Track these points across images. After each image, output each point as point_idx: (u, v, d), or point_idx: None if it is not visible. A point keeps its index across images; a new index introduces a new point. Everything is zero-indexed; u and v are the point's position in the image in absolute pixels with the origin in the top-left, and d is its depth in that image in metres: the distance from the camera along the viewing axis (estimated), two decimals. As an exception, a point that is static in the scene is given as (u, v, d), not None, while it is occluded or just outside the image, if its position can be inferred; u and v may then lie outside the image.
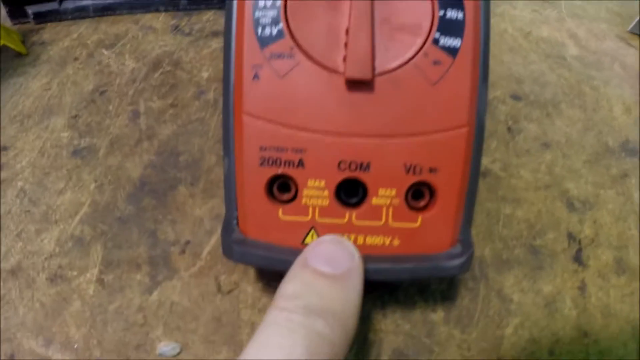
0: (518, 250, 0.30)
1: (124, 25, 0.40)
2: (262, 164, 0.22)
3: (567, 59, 0.40)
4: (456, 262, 0.22)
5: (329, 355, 0.18)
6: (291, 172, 0.22)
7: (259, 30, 0.23)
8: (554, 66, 0.39)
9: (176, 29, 0.39)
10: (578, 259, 0.30)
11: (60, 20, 0.43)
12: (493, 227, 0.30)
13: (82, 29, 0.41)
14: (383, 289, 0.27)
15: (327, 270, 0.20)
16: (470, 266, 0.23)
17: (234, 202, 0.24)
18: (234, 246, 0.23)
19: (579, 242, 0.31)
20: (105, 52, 0.39)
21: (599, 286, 0.29)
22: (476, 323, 0.27)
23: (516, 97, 0.36)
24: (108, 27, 0.40)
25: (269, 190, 0.23)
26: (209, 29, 0.38)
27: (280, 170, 0.22)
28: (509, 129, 0.35)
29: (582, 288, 0.29)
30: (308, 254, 0.21)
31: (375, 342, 0.26)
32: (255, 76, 0.22)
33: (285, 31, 0.22)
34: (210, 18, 0.39)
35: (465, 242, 0.23)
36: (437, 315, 0.27)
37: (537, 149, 0.34)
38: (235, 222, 0.24)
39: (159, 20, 0.40)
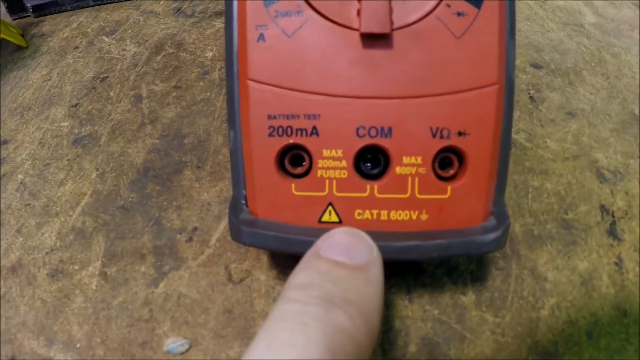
0: (550, 225, 0.26)
1: (125, 11, 0.37)
2: (271, 134, 0.19)
3: (585, 27, 0.36)
4: (492, 236, 0.19)
5: (352, 355, 0.14)
6: (304, 141, 0.19)
7: (263, -13, 0.19)
8: (573, 34, 0.35)
9: (178, 11, 0.35)
10: (612, 232, 0.26)
11: (59, 12, 0.40)
12: (522, 201, 0.27)
13: (82, 18, 0.38)
14: (407, 272, 0.24)
15: (345, 260, 0.16)
16: (506, 241, 0.20)
17: (241, 180, 0.20)
18: (243, 228, 0.19)
19: (612, 214, 0.27)
20: (105, 39, 0.35)
21: (635, 261, 0.26)
22: (510, 305, 0.23)
23: (536, 66, 0.33)
24: (108, 14, 0.37)
25: (280, 164, 0.20)
26: (212, 10, 0.35)
27: (291, 140, 0.19)
28: (531, 98, 0.31)
29: (619, 263, 0.25)
30: (321, 246, 0.17)
31: (401, 330, 0.22)
32: (260, 37, 0.19)
33: (292, -14, 0.19)
34: (212, -1, 0.36)
35: (500, 213, 0.20)
36: (468, 298, 0.23)
37: (562, 118, 0.30)
38: (243, 201, 0.20)
39: (160, 4, 0.36)
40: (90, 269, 0.25)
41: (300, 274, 0.16)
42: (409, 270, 0.24)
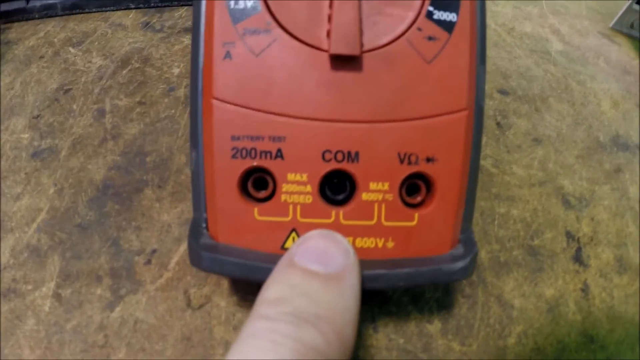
0: (516, 252, 0.25)
1: (93, 22, 0.35)
2: (234, 156, 0.18)
3: (552, 54, 0.36)
4: (459, 264, 0.18)
5: None
6: (268, 164, 0.18)
7: (232, 3, 0.18)
8: (540, 61, 0.35)
9: (147, 25, 0.34)
10: (578, 258, 0.26)
11: (27, 19, 0.38)
12: (488, 228, 0.26)
13: (50, 27, 0.36)
14: (372, 300, 0.23)
15: (319, 269, 0.15)
16: (474, 269, 0.19)
17: (202, 202, 0.19)
18: (203, 253, 0.18)
19: (578, 240, 0.27)
20: (72, 50, 0.34)
21: (601, 287, 0.25)
22: (476, 333, 0.23)
23: (503, 92, 0.32)
24: (76, 25, 0.35)
25: (243, 187, 0.18)
26: (181, 25, 0.33)
27: (255, 163, 0.18)
28: (498, 124, 0.31)
29: (585, 290, 0.25)
30: (295, 251, 0.16)
31: (366, 359, 0.21)
32: (227, 55, 0.18)
33: (261, 4, 0.18)
34: (182, 15, 0.34)
35: (468, 241, 0.19)
36: (434, 326, 0.22)
37: (529, 144, 0.30)
38: (204, 225, 0.19)
39: (130, 17, 0.35)
40: (44, 290, 0.23)
41: (272, 286, 0.15)
42: (373, 298, 0.23)
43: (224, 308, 0.22)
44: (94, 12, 0.36)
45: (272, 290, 0.15)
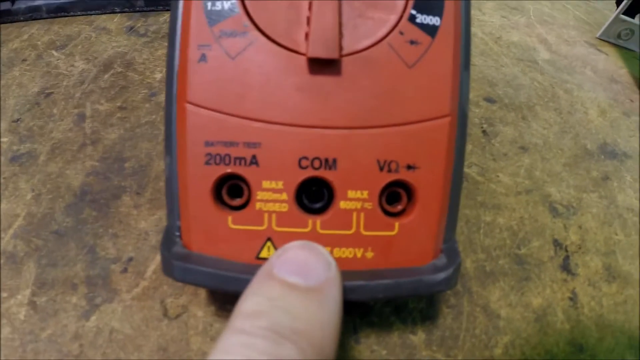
0: (502, 261, 0.25)
1: (77, 26, 0.34)
2: (208, 162, 0.17)
3: (539, 63, 0.35)
4: (442, 275, 0.17)
5: None
6: (242, 171, 0.17)
7: (208, 5, 0.17)
8: (526, 70, 0.35)
9: (131, 30, 0.33)
10: (566, 267, 0.25)
11: (12, 21, 0.37)
12: (474, 236, 0.25)
13: (34, 30, 0.35)
14: (354, 311, 0.22)
15: (299, 282, 0.15)
16: (457, 280, 0.18)
17: (176, 210, 0.18)
18: (175, 262, 0.17)
19: (566, 249, 0.26)
20: (55, 53, 0.33)
21: (590, 295, 0.25)
22: (462, 344, 0.22)
23: (490, 100, 0.32)
24: (61, 28, 0.35)
25: (217, 194, 0.17)
26: (165, 30, 0.33)
27: (229, 170, 0.17)
28: (484, 132, 0.30)
29: (573, 299, 0.24)
30: (274, 263, 0.15)
31: (347, 371, 0.21)
32: (202, 58, 0.17)
33: (239, 5, 0.17)
34: (167, 19, 0.34)
35: (451, 251, 0.18)
36: (418, 337, 0.22)
37: (515, 152, 0.29)
38: (177, 233, 0.18)
39: (114, 21, 0.34)
40: (19, 297, 0.22)
41: (250, 299, 0.15)
42: (355, 309, 0.22)
43: (201, 318, 0.21)
44: (79, 15, 0.36)
45: (249, 302, 0.14)
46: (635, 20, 0.39)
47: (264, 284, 0.15)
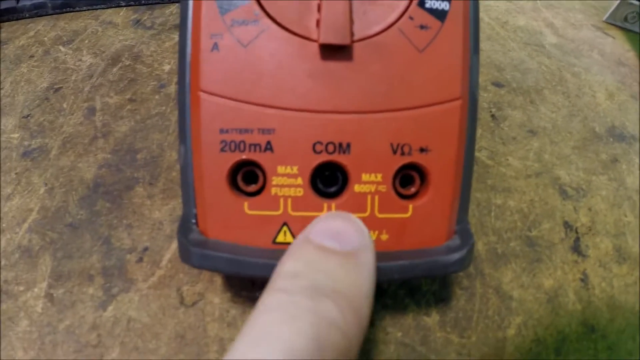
0: (514, 243, 0.25)
1: (83, 21, 0.35)
2: (223, 149, 0.17)
3: (546, 47, 0.36)
4: (456, 256, 0.17)
5: (341, 347, 0.13)
6: (257, 157, 0.17)
7: (219, -5, 0.18)
8: (534, 54, 0.35)
9: (137, 23, 0.33)
10: (577, 249, 0.25)
11: (18, 18, 0.37)
12: (485, 219, 0.26)
13: (40, 26, 0.36)
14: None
15: (335, 246, 0.15)
16: (471, 260, 0.18)
17: (192, 198, 0.18)
18: (192, 249, 0.17)
19: (576, 230, 0.26)
20: (62, 48, 0.33)
21: (601, 277, 0.25)
22: (475, 325, 0.22)
23: (498, 85, 0.32)
24: (67, 23, 0.35)
25: (232, 181, 0.18)
26: (171, 22, 0.33)
27: (244, 156, 0.17)
28: (492, 116, 0.30)
29: (584, 280, 0.25)
30: (310, 230, 0.16)
31: (362, 354, 0.21)
32: (215, 47, 0.18)
33: (249, -6, 0.18)
34: (173, 11, 0.34)
35: (464, 232, 0.19)
36: (432, 319, 0.22)
37: (524, 135, 0.30)
38: (194, 220, 0.18)
39: (120, 15, 0.34)
40: (36, 290, 0.23)
41: (289, 261, 0.15)
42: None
43: (218, 305, 0.22)
44: (85, 10, 0.36)
45: (288, 265, 0.15)
46: (642, 2, 0.39)
47: (301, 248, 0.15)
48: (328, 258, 0.15)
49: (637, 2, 0.38)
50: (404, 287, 0.23)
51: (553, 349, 0.22)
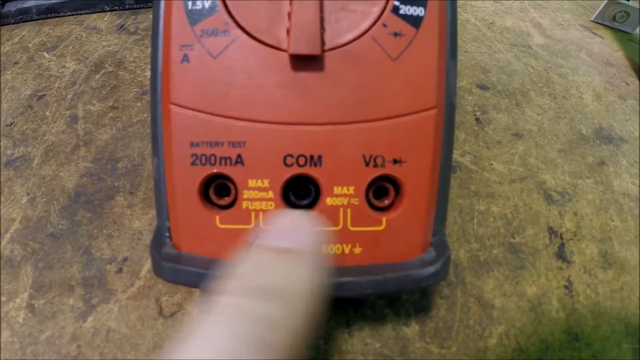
0: (496, 250, 0.24)
1: (68, 26, 0.34)
2: (194, 162, 0.17)
3: (532, 48, 0.35)
4: (430, 269, 0.17)
5: (287, 343, 0.13)
6: (228, 171, 0.17)
7: (189, 4, 0.17)
8: (520, 55, 0.34)
9: (121, 28, 0.33)
10: (561, 255, 0.25)
11: (2, 24, 0.37)
12: (467, 226, 0.25)
13: (25, 32, 0.35)
14: (346, 304, 0.22)
15: (285, 246, 0.15)
16: (447, 273, 0.18)
17: (165, 211, 0.18)
18: (165, 263, 0.17)
19: (561, 236, 0.26)
20: (46, 54, 0.33)
21: (586, 283, 0.24)
22: (455, 335, 0.22)
23: (483, 87, 0.31)
24: (51, 29, 0.34)
25: (204, 194, 0.17)
26: (156, 27, 0.32)
27: (215, 170, 0.17)
28: (477, 119, 0.30)
29: (569, 287, 0.24)
30: (261, 232, 0.16)
31: (342, 365, 0.21)
32: (185, 58, 0.17)
33: (220, 3, 0.17)
34: (158, 16, 0.33)
35: (440, 244, 0.18)
36: (411, 329, 0.22)
37: (509, 139, 0.29)
38: (167, 234, 0.18)
39: (104, 20, 0.34)
40: (17, 301, 0.23)
41: (238, 265, 0.15)
42: (348, 302, 0.22)
43: (196, 316, 0.21)
44: (69, 15, 0.35)
45: (236, 268, 0.15)
46: (631, 3, 0.38)
47: (251, 250, 0.15)
48: (277, 258, 0.15)
49: (625, 2, 0.38)
50: (383, 297, 0.22)
51: (536, 358, 0.22)
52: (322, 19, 0.17)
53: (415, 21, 0.18)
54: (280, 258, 0.15)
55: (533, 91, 0.32)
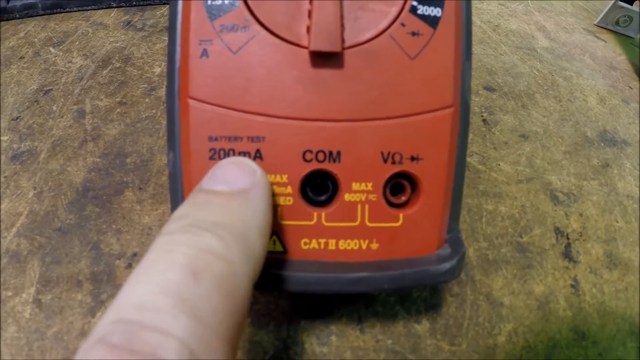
0: (504, 249, 0.25)
1: (74, 22, 0.34)
2: (212, 157, 0.17)
3: (537, 51, 0.35)
4: (446, 265, 0.17)
5: (223, 273, 0.13)
6: (247, 165, 0.17)
7: (209, 0, 0.17)
8: (525, 58, 0.35)
9: (128, 24, 0.33)
10: (568, 254, 0.25)
11: (8, 19, 0.36)
12: (476, 225, 0.25)
13: (30, 27, 0.35)
14: (358, 301, 0.22)
15: (223, 189, 0.15)
16: (462, 269, 0.18)
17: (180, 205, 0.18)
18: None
19: (567, 236, 0.26)
20: (52, 50, 0.33)
21: (592, 283, 0.25)
22: (465, 333, 0.22)
23: (489, 89, 0.32)
24: (57, 24, 0.34)
25: (221, 189, 0.17)
26: (162, 24, 0.32)
27: (233, 164, 0.17)
28: (484, 120, 0.30)
29: (575, 286, 0.24)
30: (203, 179, 0.16)
31: (353, 361, 0.21)
32: (204, 53, 0.17)
33: (240, 1, 0.17)
34: (164, 13, 0.33)
35: (455, 241, 0.18)
36: (422, 326, 0.22)
37: (515, 140, 0.29)
38: (182, 228, 0.18)
39: (111, 16, 0.34)
40: (24, 296, 0.23)
41: (178, 209, 0.15)
42: (360, 298, 0.22)
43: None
44: (75, 11, 0.35)
45: (177, 210, 0.15)
46: (634, 7, 0.39)
47: (191, 195, 0.16)
48: (215, 198, 0.15)
49: (628, 6, 0.38)
50: (395, 294, 0.22)
51: (544, 355, 0.22)
52: (342, 17, 0.17)
53: (432, 21, 0.18)
54: (218, 198, 0.15)
55: (538, 93, 0.32)
